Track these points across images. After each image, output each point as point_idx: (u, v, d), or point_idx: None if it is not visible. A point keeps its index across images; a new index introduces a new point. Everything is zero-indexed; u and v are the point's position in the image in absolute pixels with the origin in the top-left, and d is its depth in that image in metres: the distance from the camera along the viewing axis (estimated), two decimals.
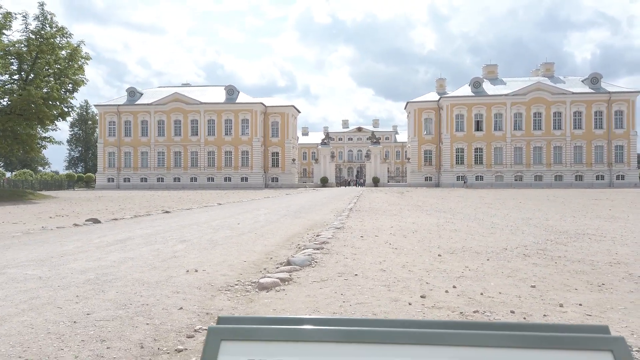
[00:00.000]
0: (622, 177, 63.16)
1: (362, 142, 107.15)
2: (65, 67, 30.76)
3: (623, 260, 6.92)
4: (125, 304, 4.33)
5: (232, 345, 0.95)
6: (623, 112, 63.63)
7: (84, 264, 6.18)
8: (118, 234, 9.87)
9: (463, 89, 68.39)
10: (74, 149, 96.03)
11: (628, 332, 3.63)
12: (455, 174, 65.87)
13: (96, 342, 3.37)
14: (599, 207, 19.77)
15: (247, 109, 69.85)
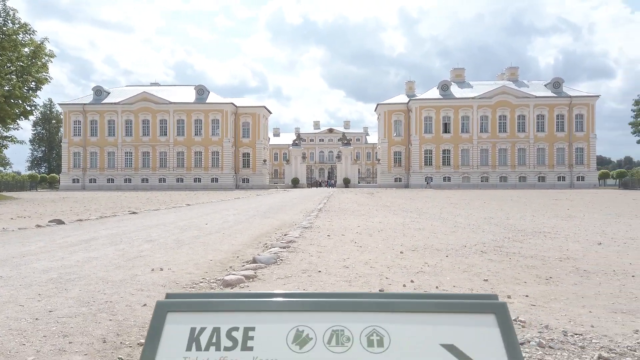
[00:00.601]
0: (582, 179, 65.62)
1: (333, 144, 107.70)
2: (28, 64, 29.88)
3: (572, 255, 7.33)
4: (89, 302, 4.37)
5: (178, 316, 1.09)
6: (583, 115, 66.13)
7: (46, 264, 6.14)
8: (82, 234, 9.75)
9: (432, 92, 69.69)
10: (37, 148, 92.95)
11: (566, 319, 3.92)
12: (424, 175, 67.05)
13: (58, 337, 3.42)
14: (558, 207, 20.58)
15: (217, 109, 69.24)
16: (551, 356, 3.04)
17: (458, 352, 1.04)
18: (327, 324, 1.09)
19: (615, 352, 3.09)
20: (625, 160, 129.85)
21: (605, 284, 5.30)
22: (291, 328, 1.10)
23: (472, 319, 1.08)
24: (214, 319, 1.10)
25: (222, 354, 1.06)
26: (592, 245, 8.55)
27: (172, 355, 1.06)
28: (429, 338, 1.06)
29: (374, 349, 1.06)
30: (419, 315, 1.09)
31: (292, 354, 1.06)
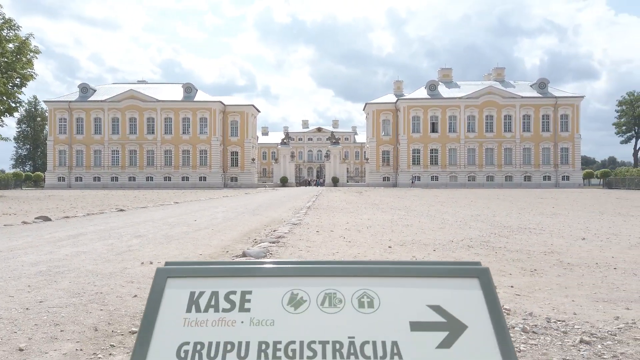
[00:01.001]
0: (567, 178, 66.52)
1: (322, 143, 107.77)
2: (12, 60, 29.44)
3: (557, 250, 7.48)
4: (79, 293, 4.38)
5: (177, 281, 1.15)
6: (568, 116, 67.03)
7: (35, 257, 6.11)
8: (70, 230, 9.69)
9: (419, 92, 70.10)
10: (21, 146, 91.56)
11: (550, 308, 4.03)
12: (412, 175, 67.43)
13: (50, 326, 3.44)
14: (544, 205, 20.89)
15: (205, 107, 68.88)
16: (535, 340, 3.13)
17: (443, 312, 1.11)
18: (320, 288, 1.16)
19: (597, 337, 3.19)
20: (609, 161, 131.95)
21: (587, 276, 5.44)
22: (286, 291, 1.16)
23: (456, 282, 1.15)
24: (212, 284, 1.15)
25: (220, 315, 1.12)
26: (575, 240, 8.72)
27: (172, 316, 1.11)
28: (417, 300, 1.13)
29: (365, 310, 1.13)
30: (407, 280, 1.16)
31: (287, 315, 1.12)
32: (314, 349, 1.06)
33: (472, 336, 1.07)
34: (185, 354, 1.06)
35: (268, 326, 1.10)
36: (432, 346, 1.06)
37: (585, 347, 2.98)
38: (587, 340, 3.08)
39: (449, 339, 1.07)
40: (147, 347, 1.06)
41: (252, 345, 1.07)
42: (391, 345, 1.06)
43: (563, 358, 2.79)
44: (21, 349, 2.98)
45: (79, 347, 3.09)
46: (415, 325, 1.09)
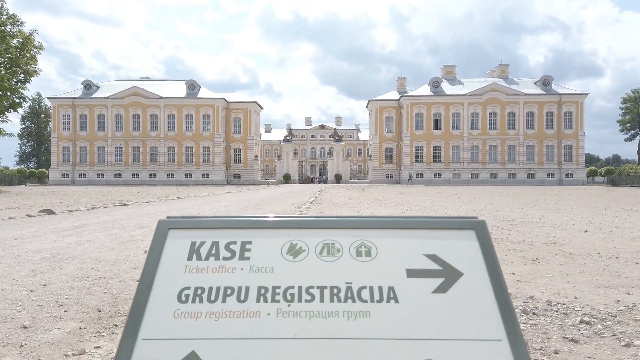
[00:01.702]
0: (571, 176, 66.30)
1: (325, 140, 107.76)
2: (16, 56, 29.54)
3: (559, 241, 7.48)
4: (83, 277, 4.41)
5: (179, 232, 1.17)
6: (572, 113, 66.76)
7: (39, 245, 6.16)
8: (74, 221, 9.75)
9: (423, 89, 69.94)
10: (25, 143, 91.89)
11: (551, 292, 4.04)
12: (415, 172, 67.35)
13: (54, 306, 3.47)
14: (547, 201, 20.85)
15: (208, 104, 68.92)
16: (535, 321, 3.15)
17: (440, 260, 1.13)
18: (319, 239, 1.18)
19: (597, 318, 3.21)
20: (614, 158, 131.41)
21: (589, 264, 5.44)
22: (285, 242, 1.18)
23: (453, 234, 1.17)
24: (213, 235, 1.18)
25: (221, 263, 1.14)
26: (578, 232, 8.72)
27: (173, 264, 1.14)
28: (413, 249, 1.15)
29: (362, 258, 1.15)
30: (404, 231, 1.18)
31: (286, 263, 1.14)
32: (312, 293, 1.08)
33: (467, 282, 1.09)
34: (186, 297, 1.08)
35: (267, 273, 1.12)
36: (428, 291, 1.08)
37: (585, 326, 3.00)
38: (587, 321, 3.09)
39: (444, 285, 1.08)
40: (148, 292, 1.08)
41: (251, 289, 1.09)
42: (388, 290, 1.08)
43: (563, 336, 2.81)
44: (25, 327, 3.02)
45: (82, 326, 3.13)
46: (411, 272, 1.11)
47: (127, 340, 0.99)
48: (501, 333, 0.98)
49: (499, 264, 1.13)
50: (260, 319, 1.03)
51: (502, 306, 1.03)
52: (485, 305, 1.04)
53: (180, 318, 1.04)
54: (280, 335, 1.00)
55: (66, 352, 2.67)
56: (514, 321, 1.00)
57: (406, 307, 1.04)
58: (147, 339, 1.00)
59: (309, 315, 1.03)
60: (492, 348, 0.96)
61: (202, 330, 1.01)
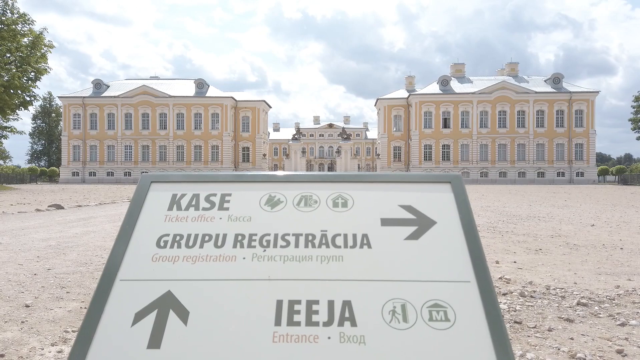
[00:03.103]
0: (581, 174, 65.65)
1: (333, 139, 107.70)
2: (27, 55, 29.88)
3: (564, 234, 7.43)
4: (86, 263, 4.47)
5: (161, 185, 1.20)
6: (583, 111, 66.10)
7: (45, 235, 6.24)
8: (81, 215, 9.86)
9: (431, 87, 69.64)
10: (36, 142, 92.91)
11: (551, 279, 4.03)
12: (424, 171, 67.08)
13: (56, 288, 3.53)
14: (555, 199, 20.70)
15: (217, 103, 69.20)
16: (531, 303, 3.15)
17: (414, 210, 1.14)
18: (297, 191, 1.20)
19: (595, 301, 3.20)
20: (625, 158, 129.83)
21: (593, 255, 5.41)
22: (264, 194, 1.20)
23: (429, 187, 1.19)
24: (194, 188, 1.21)
25: (200, 213, 1.17)
26: (584, 226, 8.66)
27: (154, 214, 1.16)
28: (389, 200, 1.16)
29: (339, 209, 1.17)
30: (381, 184, 1.20)
31: (264, 213, 1.17)
32: (287, 240, 1.10)
33: (440, 230, 1.10)
34: (164, 243, 1.11)
35: (245, 222, 1.15)
36: (400, 238, 1.09)
37: (582, 308, 2.99)
38: (584, 303, 3.09)
39: (417, 232, 1.10)
40: (128, 239, 1.11)
41: (228, 236, 1.12)
42: (361, 237, 1.10)
43: (558, 316, 2.80)
44: (27, 305, 3.07)
45: (83, 305, 3.18)
46: (385, 221, 1.13)
47: (105, 281, 1.02)
48: (470, 275, 1.00)
49: (472, 214, 1.14)
50: (236, 262, 1.05)
51: (472, 252, 1.04)
52: (456, 251, 1.05)
53: (158, 262, 1.07)
54: (254, 277, 1.02)
55: (66, 328, 2.72)
56: (483, 265, 1.01)
57: (378, 253, 1.06)
58: (125, 280, 1.03)
59: (283, 260, 1.05)
60: (460, 288, 0.97)
61: (179, 272, 1.04)
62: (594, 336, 2.45)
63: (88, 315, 0.97)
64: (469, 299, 0.96)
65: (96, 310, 0.97)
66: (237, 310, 0.96)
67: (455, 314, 0.94)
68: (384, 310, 0.95)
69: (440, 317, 0.93)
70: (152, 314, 0.95)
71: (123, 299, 0.99)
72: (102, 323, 0.95)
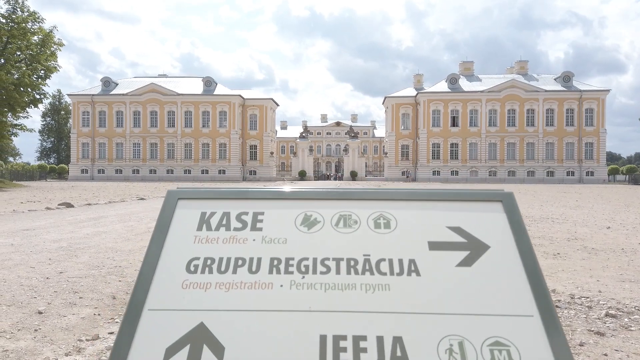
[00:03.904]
0: (591, 174, 65.00)
1: (340, 137, 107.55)
2: (37, 53, 29.99)
3: (581, 237, 7.30)
4: (98, 266, 4.42)
5: (188, 202, 1.12)
6: (593, 110, 65.41)
7: (56, 236, 6.21)
8: (91, 214, 9.85)
9: (440, 85, 69.23)
10: (46, 139, 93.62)
11: (574, 286, 3.91)
12: (432, 169, 66.80)
13: (69, 293, 3.48)
14: (567, 199, 20.45)
15: (225, 101, 69.27)
16: (559, 314, 3.04)
17: (464, 232, 1.06)
18: (334, 210, 1.12)
19: (623, 312, 3.08)
20: (636, 157, 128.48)
21: (613, 260, 5.28)
22: (299, 213, 1.12)
23: (478, 206, 1.09)
24: (224, 205, 1.12)
25: (232, 234, 1.09)
26: (600, 229, 8.51)
27: (182, 234, 1.09)
28: (435, 221, 1.08)
29: (381, 230, 1.08)
30: (425, 203, 1.11)
31: (300, 234, 1.08)
32: (327, 265, 1.01)
33: (494, 256, 1.01)
34: (195, 267, 1.03)
35: (280, 244, 1.06)
36: (451, 264, 1.00)
37: (612, 320, 2.88)
38: (613, 314, 2.98)
39: (469, 258, 1.01)
40: (156, 262, 1.03)
41: (263, 260, 1.04)
42: (408, 263, 1.01)
43: (588, 329, 2.70)
44: (40, 312, 3.02)
45: (96, 312, 3.12)
46: (433, 244, 1.04)
47: (133, 311, 0.94)
48: (532, 309, 0.91)
49: (528, 237, 1.05)
50: (273, 290, 0.97)
51: (532, 281, 0.95)
52: (515, 280, 0.96)
53: (188, 289, 0.99)
54: (293, 307, 0.94)
55: (80, 337, 2.66)
56: (546, 296, 0.93)
57: (428, 281, 0.97)
58: (154, 310, 0.95)
59: (324, 288, 0.97)
60: (522, 324, 0.88)
61: (212, 301, 0.96)
62: (629, 352, 2.35)
63: (115, 349, 0.89)
64: (534, 336, 0.87)
65: (124, 344, 0.90)
66: (277, 346, 0.88)
67: (520, 354, 0.85)
68: (440, 349, 0.86)
69: (503, 357, 0.84)
70: (184, 350, 0.88)
71: (152, 331, 0.92)
72: (131, 359, 0.87)
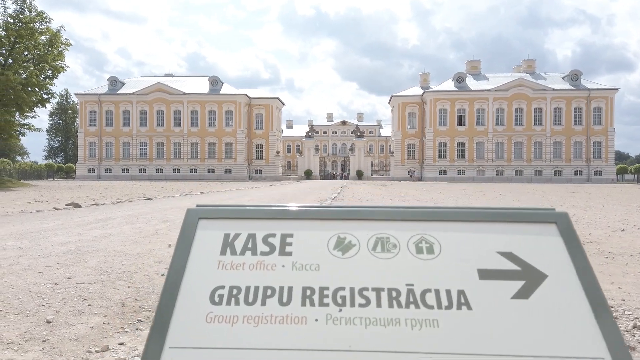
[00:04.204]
0: (599, 173, 64.48)
1: (346, 136, 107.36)
2: (44, 52, 30.09)
3: (595, 240, 7.15)
4: (107, 271, 4.35)
5: (210, 222, 1.02)
6: (602, 108, 64.84)
7: (64, 238, 6.15)
8: (99, 215, 9.81)
9: (446, 84, 68.91)
10: (53, 138, 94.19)
11: None
12: (438, 168, 66.52)
13: (77, 300, 3.40)
14: (576, 199, 20.23)
15: (231, 100, 69.32)
16: None
17: (517, 259, 0.95)
18: (371, 232, 1.01)
19: None
20: None
21: (632, 265, 5.15)
22: (332, 235, 1.02)
23: (530, 228, 0.99)
24: (249, 226, 1.02)
25: (259, 258, 0.99)
26: (614, 231, 8.35)
27: (205, 259, 0.99)
28: (484, 245, 0.97)
29: (424, 256, 0.98)
30: (472, 224, 1.01)
31: (334, 259, 0.98)
32: (366, 296, 0.92)
33: (553, 286, 0.91)
34: (220, 298, 0.93)
35: (312, 271, 0.97)
36: (506, 296, 0.90)
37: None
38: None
39: (525, 289, 0.91)
40: (176, 291, 0.93)
41: (295, 290, 0.94)
42: (457, 294, 0.91)
43: None
44: (48, 321, 2.94)
45: (106, 321, 3.04)
46: (484, 273, 0.94)
47: (153, 349, 0.85)
48: (602, 350, 0.81)
49: (589, 264, 0.95)
50: (307, 325, 0.88)
51: (599, 316, 0.85)
52: (579, 315, 0.86)
53: (214, 323, 0.89)
54: (331, 346, 0.84)
55: (89, 348, 2.58)
56: (616, 335, 0.82)
57: (482, 316, 0.87)
58: (176, 347, 0.85)
59: (365, 323, 0.87)
60: None
61: (240, 338, 0.86)
62: None
63: None
64: None
65: None
66: None
67: None
68: None
69: None
70: None
71: None
72: None
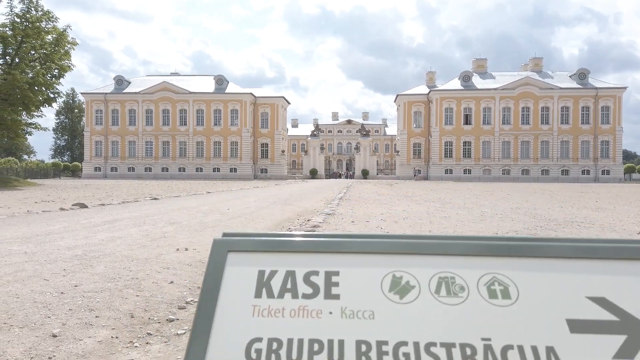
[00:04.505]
0: (607, 172, 63.93)
1: (351, 135, 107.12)
2: (51, 52, 30.07)
3: None
4: (114, 278, 4.22)
5: (241, 256, 0.87)
6: (609, 107, 64.25)
7: (70, 242, 6.04)
8: (105, 216, 9.70)
9: (453, 83, 68.51)
10: (60, 137, 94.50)
11: None
12: (444, 168, 66.18)
13: (84, 311, 3.27)
14: (585, 199, 19.96)
15: (236, 99, 69.24)
16: None
17: (612, 306, 0.80)
18: (431, 270, 0.86)
19: None
20: None
21: None
22: (386, 273, 0.86)
23: (623, 267, 0.83)
24: (286, 260, 0.87)
25: (300, 303, 0.83)
26: (630, 235, 8.14)
27: (237, 302, 0.84)
28: (570, 288, 0.82)
29: (499, 301, 0.82)
30: (552, 262, 0.85)
31: (390, 305, 0.83)
32: (435, 355, 0.75)
33: None
34: (257, 353, 0.77)
35: (366, 319, 0.81)
36: (606, 355, 0.74)
37: None
38: None
39: (629, 346, 0.75)
40: (206, 344, 0.78)
41: (347, 345, 0.78)
42: (547, 352, 0.75)
43: None
44: (55, 335, 2.81)
45: (114, 334, 2.91)
46: (575, 324, 0.78)
47: None
48: None
49: None
50: None
51: None
52: None
53: None
54: None
55: None
56: None
57: None
58: None
59: None
60: None
61: None
62: None
63: None
64: None
65: None
66: None
67: None
68: None
69: None
70: None
71: None
72: None
